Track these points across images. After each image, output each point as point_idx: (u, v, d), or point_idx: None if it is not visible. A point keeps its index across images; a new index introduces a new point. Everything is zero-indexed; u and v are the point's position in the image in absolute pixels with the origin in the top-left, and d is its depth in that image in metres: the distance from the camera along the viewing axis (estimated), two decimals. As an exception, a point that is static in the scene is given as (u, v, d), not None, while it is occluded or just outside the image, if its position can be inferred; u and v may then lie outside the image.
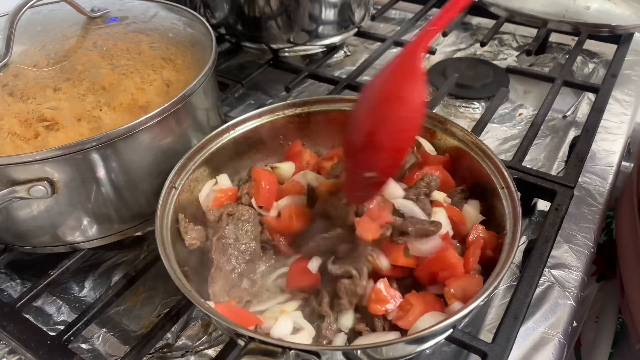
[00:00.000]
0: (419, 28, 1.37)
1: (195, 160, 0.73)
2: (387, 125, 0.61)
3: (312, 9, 1.05)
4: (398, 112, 0.61)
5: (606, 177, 0.89)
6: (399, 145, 0.63)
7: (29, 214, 0.69)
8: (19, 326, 0.67)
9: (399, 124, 0.61)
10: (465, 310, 0.53)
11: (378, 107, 0.62)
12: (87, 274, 0.82)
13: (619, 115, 1.02)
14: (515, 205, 0.63)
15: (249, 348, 0.51)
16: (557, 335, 0.67)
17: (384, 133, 0.61)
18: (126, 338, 0.73)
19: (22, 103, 0.68)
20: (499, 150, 1.00)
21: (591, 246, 0.78)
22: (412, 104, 0.61)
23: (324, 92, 1.15)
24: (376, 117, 0.62)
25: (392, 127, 0.61)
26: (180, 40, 0.81)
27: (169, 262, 0.60)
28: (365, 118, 0.64)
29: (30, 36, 0.79)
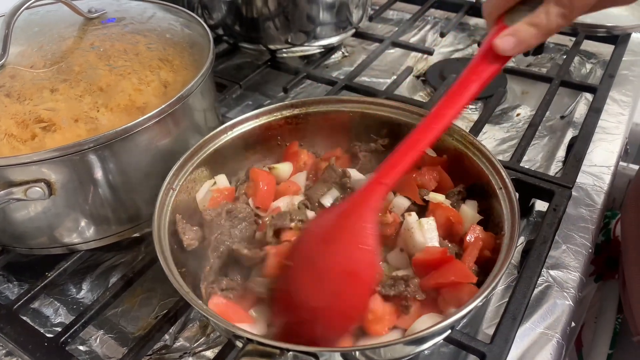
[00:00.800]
0: (417, 29, 1.37)
1: (193, 162, 0.72)
2: (334, 301, 0.57)
3: (309, 9, 1.04)
4: (348, 287, 0.56)
5: (604, 177, 0.89)
6: (343, 319, 0.57)
7: (26, 215, 0.69)
8: (16, 328, 0.66)
9: (348, 300, 0.57)
10: (463, 311, 0.53)
11: (324, 276, 0.57)
12: (85, 276, 0.82)
13: (617, 116, 1.02)
14: (513, 206, 0.63)
15: (247, 349, 0.51)
16: (556, 336, 0.67)
17: (330, 309, 0.56)
18: (124, 340, 0.73)
19: (19, 104, 0.68)
20: (496, 151, 1.00)
21: (589, 246, 0.78)
22: (365, 278, 0.57)
23: (321, 93, 1.14)
24: (321, 286, 0.57)
25: (340, 303, 0.57)
26: (178, 41, 0.81)
27: (166, 264, 0.59)
28: (307, 286, 0.58)
29: (27, 37, 0.79)
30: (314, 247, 0.60)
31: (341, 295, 0.57)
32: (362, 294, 0.58)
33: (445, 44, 1.32)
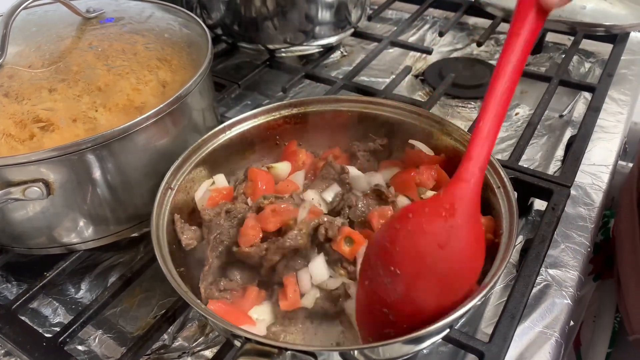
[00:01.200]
0: (416, 28, 1.37)
1: (192, 161, 0.72)
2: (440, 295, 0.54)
3: (308, 9, 1.04)
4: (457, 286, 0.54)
5: (603, 176, 0.89)
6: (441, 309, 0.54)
7: (24, 215, 0.68)
8: (14, 328, 0.66)
9: (453, 292, 0.54)
10: (461, 310, 0.53)
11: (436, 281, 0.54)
12: (84, 276, 0.82)
13: (616, 115, 1.02)
14: (511, 205, 0.63)
15: (245, 349, 0.51)
16: (554, 335, 0.67)
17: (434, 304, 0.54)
18: (123, 339, 0.73)
19: (17, 104, 0.67)
20: (495, 150, 1.00)
21: (588, 245, 0.78)
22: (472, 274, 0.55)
23: (320, 92, 1.14)
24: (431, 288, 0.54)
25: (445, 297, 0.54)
26: (176, 41, 0.81)
27: (165, 264, 0.59)
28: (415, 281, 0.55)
29: (25, 37, 0.79)
30: (427, 251, 0.55)
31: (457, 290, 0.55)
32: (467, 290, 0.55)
33: (444, 43, 1.32)
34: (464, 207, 0.54)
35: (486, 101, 0.55)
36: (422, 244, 0.54)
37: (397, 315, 0.55)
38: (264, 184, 0.73)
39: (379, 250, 0.57)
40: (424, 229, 0.55)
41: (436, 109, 1.10)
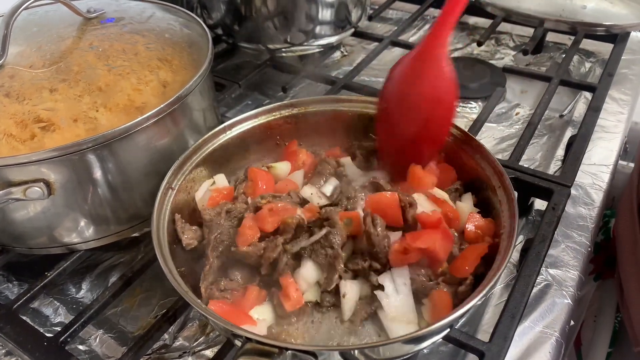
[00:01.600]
0: (416, 28, 1.37)
1: (192, 161, 0.73)
2: (426, 126, 0.71)
3: (308, 9, 1.05)
4: (436, 112, 0.71)
5: (603, 176, 0.89)
6: (437, 139, 0.72)
7: (25, 215, 0.69)
8: (15, 328, 0.67)
9: (437, 123, 0.71)
10: (462, 309, 0.53)
11: (415, 110, 0.71)
12: (84, 275, 0.82)
13: (616, 114, 1.02)
14: (511, 205, 0.63)
15: (245, 348, 0.51)
16: (555, 335, 0.67)
17: (424, 134, 0.71)
18: (123, 339, 0.73)
19: (18, 104, 0.68)
20: (496, 150, 1.00)
21: (588, 245, 0.78)
22: (447, 104, 0.71)
23: (321, 92, 1.14)
24: (414, 119, 0.71)
25: (431, 127, 0.71)
26: (177, 41, 0.81)
27: (165, 263, 0.60)
28: (401, 120, 0.73)
29: (26, 37, 0.79)
30: (402, 86, 0.73)
31: (431, 119, 0.71)
32: (447, 116, 0.72)
33: (444, 43, 1.32)
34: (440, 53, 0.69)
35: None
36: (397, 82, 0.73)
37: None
38: (264, 184, 0.74)
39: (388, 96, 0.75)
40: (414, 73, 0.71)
41: (436, 108, 1.10)
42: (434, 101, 0.70)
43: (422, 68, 0.70)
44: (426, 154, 0.73)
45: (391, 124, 0.75)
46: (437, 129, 0.72)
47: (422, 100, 0.70)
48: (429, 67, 0.69)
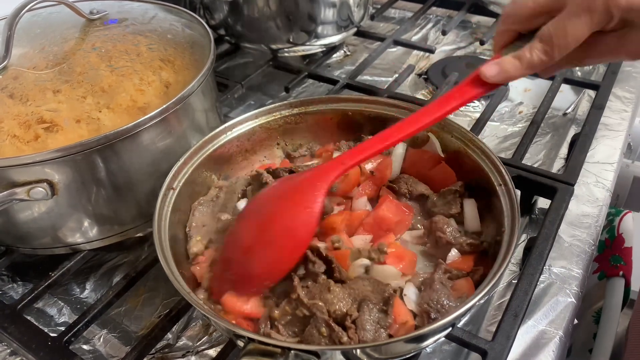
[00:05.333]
0: (419, 27, 1.37)
1: (193, 162, 0.73)
2: (268, 246, 0.62)
3: (311, 9, 1.05)
4: (282, 240, 0.62)
5: (607, 174, 0.88)
6: (272, 268, 0.61)
7: (29, 215, 0.69)
8: (20, 328, 0.67)
9: (279, 250, 0.62)
10: (464, 308, 0.53)
11: (266, 225, 0.63)
12: (88, 275, 0.82)
13: (620, 112, 1.01)
14: (513, 203, 0.63)
15: (248, 349, 0.51)
16: (558, 333, 0.66)
17: (263, 251, 0.62)
18: (127, 339, 0.73)
19: (22, 105, 0.68)
20: (499, 149, 1.00)
21: (592, 244, 0.77)
22: (299, 238, 0.61)
23: (323, 92, 1.15)
24: (261, 233, 0.63)
25: (272, 250, 0.62)
26: (179, 42, 0.81)
27: (167, 264, 0.60)
28: (251, 225, 0.65)
29: (29, 39, 0.79)
30: (267, 200, 0.67)
31: (279, 246, 0.62)
32: (295, 249, 0.61)
33: (447, 42, 1.32)
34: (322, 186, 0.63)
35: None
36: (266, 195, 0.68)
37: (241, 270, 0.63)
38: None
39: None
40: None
41: (439, 107, 1.09)
42: (290, 228, 0.62)
43: (298, 190, 0.64)
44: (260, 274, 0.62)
45: (243, 232, 0.66)
46: (279, 257, 0.62)
47: (282, 221, 0.63)
48: (304, 193, 0.63)
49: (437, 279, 0.61)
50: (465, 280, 0.62)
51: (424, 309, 0.59)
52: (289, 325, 0.59)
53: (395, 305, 0.58)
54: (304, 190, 0.63)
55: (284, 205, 0.64)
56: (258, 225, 0.64)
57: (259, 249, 0.62)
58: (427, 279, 0.62)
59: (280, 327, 0.59)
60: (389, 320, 0.57)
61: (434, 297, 0.59)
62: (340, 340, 0.55)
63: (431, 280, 0.61)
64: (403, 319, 0.58)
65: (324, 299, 0.58)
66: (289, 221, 0.62)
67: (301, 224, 0.62)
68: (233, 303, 0.62)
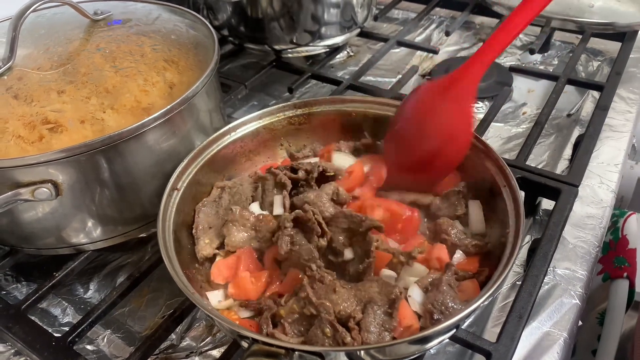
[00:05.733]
0: (422, 28, 1.37)
1: (197, 163, 0.73)
2: (434, 158, 0.71)
3: (314, 9, 1.05)
4: (447, 148, 0.70)
5: (611, 175, 0.88)
6: (442, 170, 0.72)
7: (33, 216, 0.69)
8: (24, 328, 0.67)
9: (446, 158, 0.70)
10: (468, 309, 0.53)
11: (427, 140, 0.71)
12: (92, 276, 0.82)
13: (624, 113, 1.01)
14: (517, 204, 0.63)
15: (252, 349, 0.51)
16: (563, 335, 0.66)
17: (430, 164, 0.71)
18: (131, 339, 0.73)
19: (27, 106, 0.68)
20: (502, 150, 1.00)
21: (596, 245, 0.77)
22: (461, 143, 0.69)
23: (327, 92, 1.15)
24: (424, 149, 0.71)
25: (439, 160, 0.70)
26: (183, 42, 0.81)
27: (171, 265, 0.60)
28: (411, 146, 0.73)
29: (34, 39, 0.80)
30: (420, 112, 0.73)
31: (441, 153, 0.71)
32: (458, 153, 0.70)
33: (450, 42, 1.32)
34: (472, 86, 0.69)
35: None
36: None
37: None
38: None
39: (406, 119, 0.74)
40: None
41: (443, 108, 1.09)
42: (449, 137, 0.69)
43: (445, 100, 0.70)
44: (429, 181, 0.73)
45: (400, 146, 0.75)
46: (444, 162, 0.71)
47: (437, 133, 0.70)
48: (454, 101, 0.69)
49: (445, 281, 0.60)
50: (471, 282, 0.62)
51: (428, 309, 0.59)
52: (295, 324, 0.59)
53: (401, 308, 0.58)
54: (454, 96, 0.69)
55: (441, 112, 0.70)
56: (424, 140, 0.71)
57: (429, 147, 0.71)
58: (435, 280, 0.61)
59: (287, 325, 0.59)
60: (394, 323, 0.57)
61: (439, 298, 0.59)
62: (343, 341, 0.55)
63: (439, 281, 0.61)
64: (408, 322, 0.58)
65: (329, 299, 0.58)
66: (454, 127, 0.69)
67: (461, 125, 0.69)
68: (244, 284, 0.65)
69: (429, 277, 0.63)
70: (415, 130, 0.73)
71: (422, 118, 0.72)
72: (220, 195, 0.75)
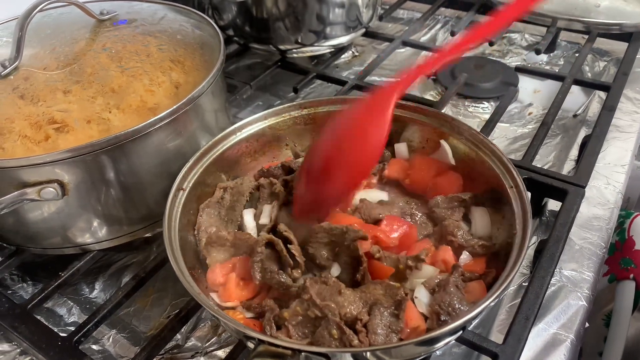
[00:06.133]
0: (428, 27, 1.37)
1: (203, 163, 0.73)
2: (344, 154, 0.65)
3: (319, 9, 1.04)
4: (357, 146, 0.64)
5: (618, 176, 0.88)
6: (351, 177, 0.66)
7: (39, 215, 0.69)
8: (30, 327, 0.67)
9: (356, 157, 0.64)
10: (475, 311, 0.53)
11: (340, 137, 0.66)
12: (98, 276, 0.82)
13: (631, 114, 1.01)
14: (524, 205, 0.63)
15: (258, 350, 0.51)
16: (570, 337, 0.66)
17: (340, 162, 0.65)
18: (136, 339, 0.74)
19: (33, 106, 0.68)
20: (508, 150, 0.99)
21: (603, 246, 0.77)
22: (373, 141, 0.64)
23: (332, 92, 1.14)
24: (336, 145, 0.66)
25: (349, 158, 0.65)
26: (189, 42, 0.81)
27: (177, 265, 0.60)
28: (326, 144, 0.68)
29: (40, 39, 0.80)
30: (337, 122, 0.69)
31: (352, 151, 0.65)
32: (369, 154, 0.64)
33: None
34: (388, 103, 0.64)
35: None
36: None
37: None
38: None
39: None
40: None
41: (448, 108, 1.09)
42: (359, 135, 0.65)
43: (365, 106, 0.67)
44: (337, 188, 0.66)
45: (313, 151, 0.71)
46: (353, 165, 0.65)
47: (348, 130, 0.66)
48: (371, 104, 0.66)
49: (452, 282, 0.60)
50: (478, 283, 0.62)
51: (435, 310, 0.59)
52: (299, 326, 0.59)
53: (408, 310, 0.58)
54: (373, 102, 0.65)
55: (355, 119, 0.67)
56: (331, 143, 0.67)
57: (336, 163, 0.65)
58: (443, 281, 0.61)
59: (291, 328, 0.58)
60: (401, 324, 0.57)
61: (446, 299, 0.59)
62: (351, 344, 0.55)
63: (446, 282, 0.60)
64: (415, 323, 0.58)
65: (335, 301, 0.58)
66: (361, 130, 0.64)
67: (374, 130, 0.64)
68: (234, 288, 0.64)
69: (436, 278, 0.63)
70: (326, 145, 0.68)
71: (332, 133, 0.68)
72: (223, 196, 0.74)
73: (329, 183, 0.65)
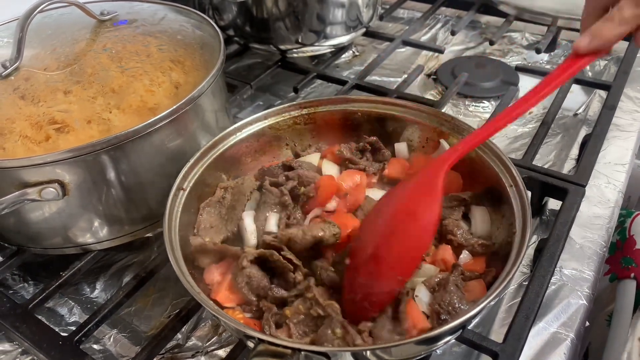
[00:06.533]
0: (428, 27, 1.37)
1: (203, 163, 0.73)
2: (393, 238, 0.60)
3: (320, 9, 1.04)
4: (407, 227, 0.60)
5: (618, 175, 0.87)
6: (403, 262, 0.60)
7: (40, 216, 0.69)
8: (31, 327, 0.67)
9: (407, 240, 0.60)
10: (475, 310, 0.53)
11: (389, 220, 0.62)
12: (98, 275, 0.83)
13: (631, 113, 1.00)
14: (524, 204, 0.63)
15: (258, 350, 0.51)
16: (570, 336, 0.66)
17: (390, 247, 0.60)
18: (137, 338, 0.74)
19: (33, 106, 0.68)
20: (509, 149, 0.99)
21: (603, 245, 0.77)
22: (424, 221, 0.60)
23: (332, 92, 1.14)
24: (385, 228, 0.61)
25: (399, 241, 0.60)
26: (189, 42, 0.81)
27: (177, 265, 0.60)
28: (374, 228, 0.63)
29: (40, 40, 0.80)
30: (387, 201, 0.65)
31: (402, 233, 0.60)
32: (422, 235, 0.61)
33: (456, 42, 1.31)
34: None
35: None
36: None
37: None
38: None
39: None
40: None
41: (449, 108, 1.09)
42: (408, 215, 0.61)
43: (413, 184, 0.63)
44: (388, 277, 0.60)
45: (361, 235, 0.65)
46: (404, 248, 0.60)
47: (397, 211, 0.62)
48: (419, 181, 0.63)
49: (452, 281, 0.60)
50: (478, 282, 0.62)
51: (435, 309, 0.59)
52: (301, 325, 0.59)
53: (411, 311, 0.58)
54: (423, 179, 0.62)
55: (405, 197, 0.63)
56: (383, 225, 0.62)
57: (390, 246, 0.60)
58: (442, 280, 0.61)
59: (292, 326, 0.58)
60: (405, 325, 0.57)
61: (446, 298, 0.59)
62: (354, 343, 0.55)
63: (446, 281, 0.60)
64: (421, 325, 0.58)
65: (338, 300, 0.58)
66: (414, 208, 0.61)
67: (425, 208, 0.60)
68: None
69: (436, 277, 0.63)
70: (378, 226, 0.63)
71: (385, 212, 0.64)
72: (224, 196, 0.74)
73: (381, 275, 0.59)
